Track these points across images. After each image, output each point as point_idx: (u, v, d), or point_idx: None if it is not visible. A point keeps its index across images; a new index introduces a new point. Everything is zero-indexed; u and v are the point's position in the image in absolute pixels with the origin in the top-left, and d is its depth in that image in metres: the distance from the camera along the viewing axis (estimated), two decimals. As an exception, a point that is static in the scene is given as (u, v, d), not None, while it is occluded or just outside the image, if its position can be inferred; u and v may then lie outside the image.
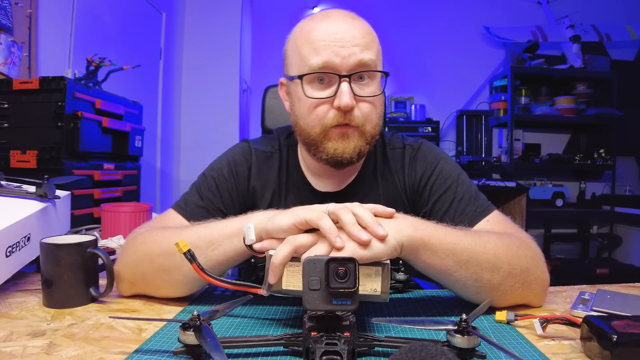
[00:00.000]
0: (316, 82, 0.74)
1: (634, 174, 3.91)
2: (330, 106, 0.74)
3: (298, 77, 0.74)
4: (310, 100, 0.74)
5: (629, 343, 0.48)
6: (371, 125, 0.76)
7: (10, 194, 0.82)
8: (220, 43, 3.34)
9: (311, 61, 0.72)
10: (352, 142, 0.75)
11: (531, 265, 0.67)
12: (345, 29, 0.73)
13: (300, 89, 0.75)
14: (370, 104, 0.75)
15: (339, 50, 0.71)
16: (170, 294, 0.71)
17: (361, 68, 0.73)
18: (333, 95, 0.72)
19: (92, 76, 1.75)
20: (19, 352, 0.52)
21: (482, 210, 0.79)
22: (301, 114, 0.77)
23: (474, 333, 0.50)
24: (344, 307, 0.51)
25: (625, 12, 3.88)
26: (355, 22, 0.75)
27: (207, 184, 0.85)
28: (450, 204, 0.80)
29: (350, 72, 0.72)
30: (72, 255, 0.69)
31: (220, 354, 0.46)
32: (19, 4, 1.72)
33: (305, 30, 0.75)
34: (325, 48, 0.71)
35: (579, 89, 3.57)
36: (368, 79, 0.75)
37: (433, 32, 3.89)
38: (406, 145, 0.89)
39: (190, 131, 3.38)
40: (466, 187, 0.82)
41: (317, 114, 0.74)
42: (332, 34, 0.72)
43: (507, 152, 3.45)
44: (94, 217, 1.61)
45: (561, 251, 3.70)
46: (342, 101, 0.71)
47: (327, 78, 0.73)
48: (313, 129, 0.75)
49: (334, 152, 0.75)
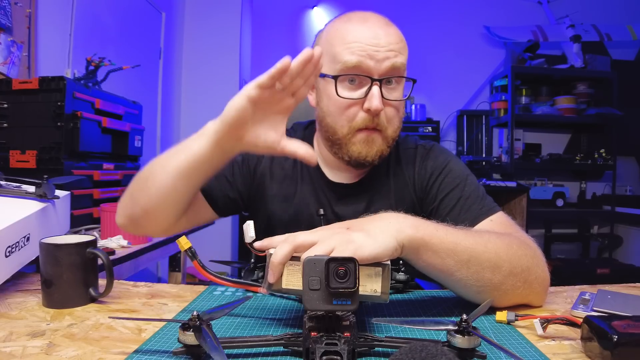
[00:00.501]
0: (347, 83, 0.76)
1: (634, 173, 3.91)
2: (359, 108, 0.76)
3: (332, 76, 0.76)
4: (341, 100, 0.76)
5: (630, 343, 0.48)
6: (393, 129, 0.79)
7: (9, 194, 0.82)
8: (220, 43, 3.34)
9: (345, 58, 0.74)
10: (376, 146, 0.78)
11: (532, 264, 0.67)
12: (382, 34, 0.75)
13: (331, 87, 0.77)
14: (395, 109, 0.79)
15: (374, 54, 0.74)
16: (148, 207, 0.74)
17: (392, 72, 0.76)
18: (363, 97, 0.75)
19: (91, 76, 1.74)
20: (18, 352, 0.52)
21: (487, 210, 0.80)
22: (330, 111, 0.79)
23: (474, 333, 0.50)
24: (344, 307, 0.51)
25: (626, 12, 3.87)
26: (390, 28, 0.78)
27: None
28: (457, 201, 0.82)
29: (382, 76, 0.75)
30: (72, 255, 0.68)
31: (220, 354, 0.46)
32: (19, 3, 1.72)
33: (342, 31, 0.78)
34: (361, 50, 0.74)
35: (580, 89, 3.57)
36: (395, 83, 0.78)
37: (433, 31, 3.89)
38: (418, 145, 0.92)
39: (190, 131, 3.28)
40: (474, 188, 0.84)
41: (347, 115, 0.77)
42: (369, 37, 0.75)
43: (508, 152, 3.45)
44: (93, 217, 1.61)
45: (562, 251, 3.70)
46: (373, 104, 0.73)
47: (359, 80, 0.76)
48: (341, 128, 0.78)
49: (358, 155, 0.78)
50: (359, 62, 0.74)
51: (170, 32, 3.22)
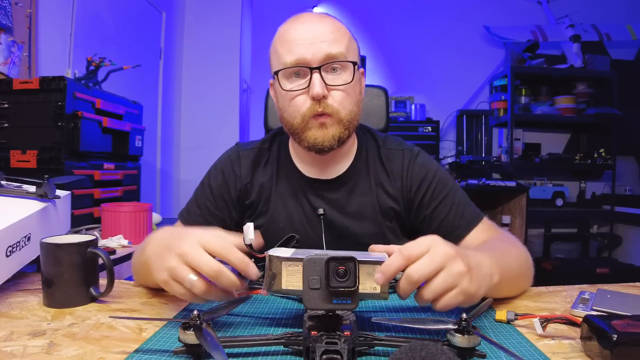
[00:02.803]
0: (293, 77, 0.81)
1: (634, 173, 3.91)
2: (306, 97, 0.80)
3: (275, 72, 0.82)
4: (288, 93, 0.81)
5: (629, 342, 0.48)
6: (346, 111, 0.81)
7: (10, 194, 0.82)
8: (220, 43, 3.34)
9: (286, 59, 0.79)
10: (330, 131, 0.81)
11: (527, 256, 0.77)
12: (315, 27, 0.80)
13: (279, 84, 0.81)
14: (343, 92, 0.81)
15: (309, 46, 0.78)
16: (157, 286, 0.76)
17: (330, 60, 0.79)
18: (307, 87, 0.79)
19: (92, 76, 1.75)
20: (19, 351, 0.52)
21: (476, 214, 0.87)
22: (283, 106, 0.84)
23: (474, 332, 0.50)
24: (344, 306, 0.51)
25: (626, 12, 3.87)
26: (324, 20, 0.82)
27: (204, 192, 0.93)
28: (450, 208, 0.87)
29: (320, 64, 0.78)
30: (72, 255, 0.69)
31: (220, 353, 0.46)
32: (19, 3, 1.72)
33: (281, 32, 0.83)
34: (297, 46, 0.79)
35: (579, 89, 3.57)
36: (340, 70, 0.80)
37: (433, 31, 3.89)
38: (405, 149, 0.94)
39: (190, 131, 3.38)
40: (461, 193, 0.90)
41: (296, 104, 0.81)
42: (303, 32, 0.80)
43: (507, 152, 3.45)
44: (94, 217, 1.61)
45: (561, 251, 3.70)
46: (314, 91, 0.77)
47: (302, 72, 0.80)
48: (294, 119, 0.82)
49: (314, 141, 0.81)
50: (297, 57, 0.78)
51: (170, 32, 3.22)
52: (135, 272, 0.79)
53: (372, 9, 3.87)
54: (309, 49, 0.78)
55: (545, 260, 3.23)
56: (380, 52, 3.86)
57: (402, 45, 3.87)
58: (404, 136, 1.04)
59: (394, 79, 3.86)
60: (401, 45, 3.87)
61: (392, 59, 3.84)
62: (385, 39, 3.85)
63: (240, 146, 0.97)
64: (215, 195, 0.92)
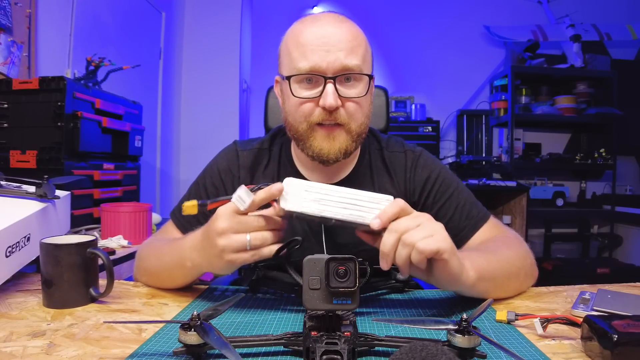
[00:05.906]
0: (304, 83, 0.77)
1: (634, 173, 3.91)
2: (316, 105, 0.76)
3: (287, 77, 0.78)
4: (298, 99, 0.77)
5: (630, 343, 0.48)
6: (357, 123, 0.79)
7: (10, 194, 0.82)
8: (220, 43, 3.33)
9: (299, 65, 0.75)
10: (338, 142, 0.78)
11: (528, 255, 0.78)
12: (332, 32, 0.76)
13: (289, 88, 0.78)
14: (356, 104, 0.78)
15: (325, 54, 0.74)
16: (160, 287, 0.80)
17: (346, 71, 0.76)
18: (319, 96, 0.76)
19: (91, 76, 1.74)
20: (19, 352, 0.52)
21: (483, 215, 0.86)
22: (289, 110, 0.80)
23: (474, 333, 0.50)
24: (344, 307, 0.51)
25: (626, 12, 3.87)
26: (343, 25, 0.78)
27: (199, 192, 0.90)
28: (455, 209, 0.86)
29: (335, 74, 0.75)
30: (72, 255, 0.68)
31: (230, 351, 0.46)
32: (19, 3, 1.72)
33: (295, 33, 0.79)
34: (312, 52, 0.75)
35: (580, 89, 3.57)
36: (354, 80, 0.77)
37: (433, 31, 3.89)
38: (407, 150, 0.92)
39: (190, 131, 3.38)
40: (466, 194, 0.88)
41: (303, 110, 0.77)
42: (319, 37, 0.75)
43: (508, 152, 3.45)
44: (93, 217, 1.61)
45: (561, 251, 3.70)
46: (327, 102, 0.74)
47: (315, 79, 0.76)
48: (300, 125, 0.79)
49: (320, 151, 0.79)
50: (311, 65, 0.74)
51: (170, 32, 3.22)
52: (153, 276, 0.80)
53: (372, 9, 3.87)
54: (324, 57, 0.74)
55: (546, 261, 3.22)
56: (380, 52, 3.86)
57: (402, 45, 3.86)
58: (404, 136, 1.03)
59: (394, 79, 3.86)
60: (401, 45, 3.86)
61: (392, 59, 3.84)
62: (385, 39, 3.84)
63: (238, 145, 0.94)
64: (210, 196, 0.88)
